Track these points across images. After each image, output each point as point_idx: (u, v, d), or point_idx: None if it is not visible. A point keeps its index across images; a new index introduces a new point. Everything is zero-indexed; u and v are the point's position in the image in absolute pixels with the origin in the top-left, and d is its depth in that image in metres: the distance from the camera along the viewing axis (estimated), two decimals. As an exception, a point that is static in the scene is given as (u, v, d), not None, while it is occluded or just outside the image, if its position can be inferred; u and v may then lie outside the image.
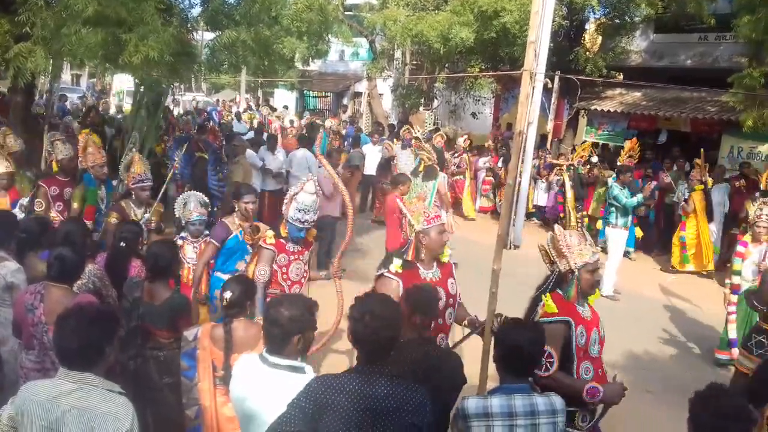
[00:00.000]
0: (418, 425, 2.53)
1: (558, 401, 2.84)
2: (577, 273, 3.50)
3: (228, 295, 3.58)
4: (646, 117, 15.16)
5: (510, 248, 9.79)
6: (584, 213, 12.80)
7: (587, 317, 3.54)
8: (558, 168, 13.46)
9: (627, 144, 11.06)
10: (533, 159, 13.89)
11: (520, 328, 3.02)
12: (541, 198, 13.99)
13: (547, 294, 3.54)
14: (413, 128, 13.04)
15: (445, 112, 22.62)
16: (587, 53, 15.59)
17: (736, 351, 6.73)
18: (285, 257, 4.78)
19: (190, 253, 5.52)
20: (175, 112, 20.53)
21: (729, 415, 2.37)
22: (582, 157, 13.41)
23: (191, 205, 5.59)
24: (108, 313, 2.84)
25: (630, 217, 9.80)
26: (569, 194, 12.63)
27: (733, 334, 6.87)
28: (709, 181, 10.93)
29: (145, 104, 9.23)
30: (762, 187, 8.42)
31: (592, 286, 3.59)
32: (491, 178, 14.63)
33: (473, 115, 20.41)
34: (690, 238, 10.77)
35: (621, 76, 17.08)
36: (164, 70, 8.88)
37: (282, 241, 4.79)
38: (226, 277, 4.68)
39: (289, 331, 2.78)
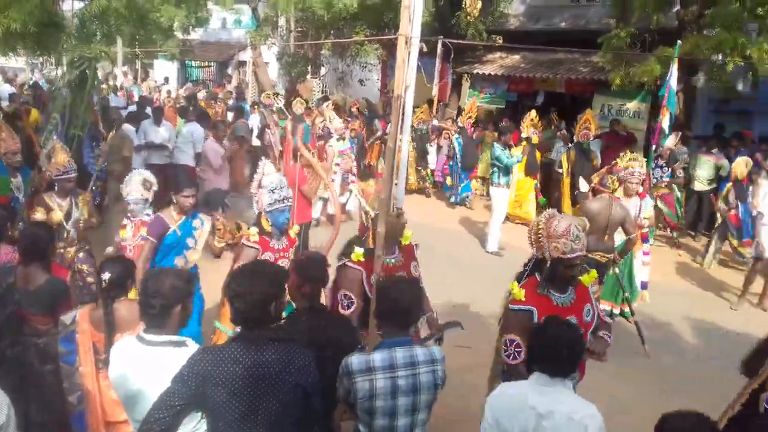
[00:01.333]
0: (302, 385, 2.59)
1: (437, 351, 2.98)
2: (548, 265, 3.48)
3: (106, 276, 3.48)
4: (525, 79, 15.73)
5: (393, 211, 10.01)
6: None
7: (562, 304, 3.49)
8: (446, 131, 13.82)
9: (528, 117, 11.36)
10: (421, 124, 14.21)
11: (397, 283, 3.14)
12: (431, 161, 14.33)
13: (514, 282, 3.56)
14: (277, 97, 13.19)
15: (333, 80, 22.51)
16: (468, 17, 15.91)
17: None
18: (270, 255, 4.52)
19: (129, 232, 5.26)
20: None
21: None
22: (470, 118, 13.84)
23: (130, 185, 5.29)
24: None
25: (511, 177, 10.29)
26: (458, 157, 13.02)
27: None
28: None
29: (67, 81, 8.27)
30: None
31: (566, 279, 3.52)
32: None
33: (361, 81, 20.44)
34: None
35: (501, 40, 17.58)
36: (29, 43, 8.36)
37: (266, 238, 4.55)
38: None
39: (172, 301, 2.78)
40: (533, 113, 11.27)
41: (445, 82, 16.48)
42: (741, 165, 9.06)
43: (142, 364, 2.75)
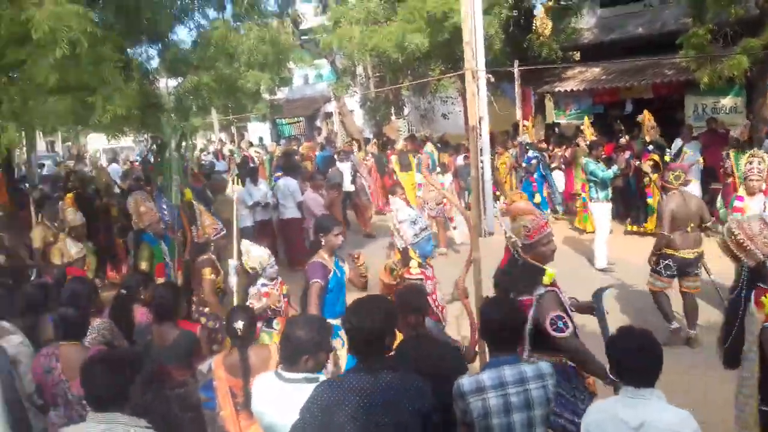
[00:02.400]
0: (421, 410, 2.71)
1: (545, 366, 3.05)
2: None
3: (240, 325, 3.79)
4: (609, 90, 15.49)
5: (485, 236, 10.08)
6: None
7: None
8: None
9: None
10: (510, 149, 14.20)
11: (497, 303, 3.25)
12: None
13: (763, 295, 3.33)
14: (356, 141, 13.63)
15: (417, 118, 22.92)
16: (540, 38, 15.93)
17: None
18: (431, 284, 4.71)
19: (275, 295, 5.28)
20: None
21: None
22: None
23: (258, 256, 5.27)
24: (128, 356, 3.08)
25: (609, 190, 10.09)
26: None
27: None
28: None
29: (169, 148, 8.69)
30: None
31: None
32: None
33: (444, 116, 20.73)
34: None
35: (578, 55, 17.44)
36: (134, 123, 9.10)
37: (424, 269, 4.72)
38: (337, 322, 4.30)
39: (300, 350, 3.00)
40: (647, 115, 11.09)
41: (527, 105, 16.47)
42: None
43: (280, 398, 2.98)
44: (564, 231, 12.45)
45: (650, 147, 11.08)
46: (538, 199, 13.59)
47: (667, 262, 6.71)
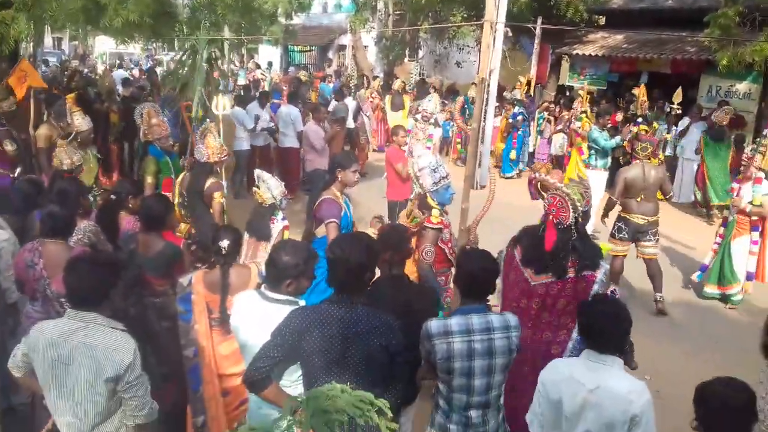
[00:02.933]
0: (388, 347, 2.82)
1: (512, 318, 3.14)
2: None
3: (225, 244, 3.85)
4: (627, 60, 15.24)
5: (476, 188, 10.13)
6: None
7: None
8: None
9: (638, 91, 11.28)
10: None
11: (476, 255, 3.32)
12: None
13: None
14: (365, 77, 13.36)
15: (431, 63, 22.63)
16: (568, -3, 15.59)
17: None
18: (447, 232, 4.70)
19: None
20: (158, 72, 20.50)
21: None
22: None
23: (276, 188, 4.98)
24: (112, 260, 3.16)
25: (609, 159, 10.09)
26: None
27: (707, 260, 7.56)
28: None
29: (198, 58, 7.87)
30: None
31: None
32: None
33: (458, 64, 20.45)
34: None
35: (603, 20, 17.09)
36: (145, 32, 8.99)
37: (442, 217, 4.66)
38: None
39: (284, 274, 3.11)
40: (642, 90, 11.07)
41: (543, 64, 16.26)
42: None
43: (261, 316, 3.09)
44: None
45: (639, 120, 11.03)
46: (513, 155, 13.68)
47: (620, 224, 7.28)
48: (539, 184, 4.23)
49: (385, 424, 1.79)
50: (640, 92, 11.26)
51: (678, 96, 10.65)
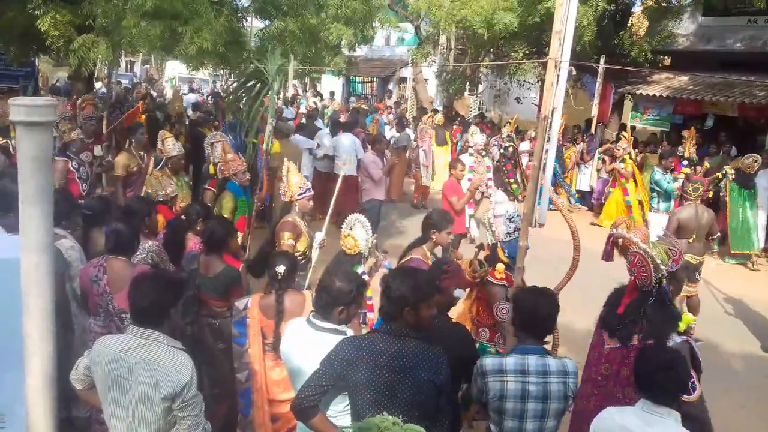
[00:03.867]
0: (435, 382, 2.80)
1: (570, 364, 3.08)
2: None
3: (281, 269, 3.91)
4: (692, 102, 14.95)
5: (535, 226, 9.99)
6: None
7: None
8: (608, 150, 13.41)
9: (687, 134, 11.14)
10: (578, 144, 14.00)
11: (535, 292, 3.28)
12: (584, 182, 14.12)
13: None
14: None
15: (490, 97, 22.66)
16: (633, 37, 15.44)
17: None
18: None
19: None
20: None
21: None
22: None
23: (362, 232, 4.59)
24: (176, 279, 3.25)
25: (672, 203, 9.86)
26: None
27: None
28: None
29: (245, 89, 8.00)
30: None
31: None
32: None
33: (518, 99, 20.42)
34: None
35: (668, 60, 16.85)
36: (215, 59, 9.31)
37: (510, 274, 4.28)
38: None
39: (336, 301, 3.14)
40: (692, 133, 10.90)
41: (605, 102, 16.07)
42: None
43: (309, 344, 3.12)
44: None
45: (684, 162, 10.76)
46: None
47: None
48: (620, 241, 4.02)
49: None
50: (689, 135, 11.06)
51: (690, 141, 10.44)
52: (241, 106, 8.45)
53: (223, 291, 4.34)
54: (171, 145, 6.75)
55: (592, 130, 15.23)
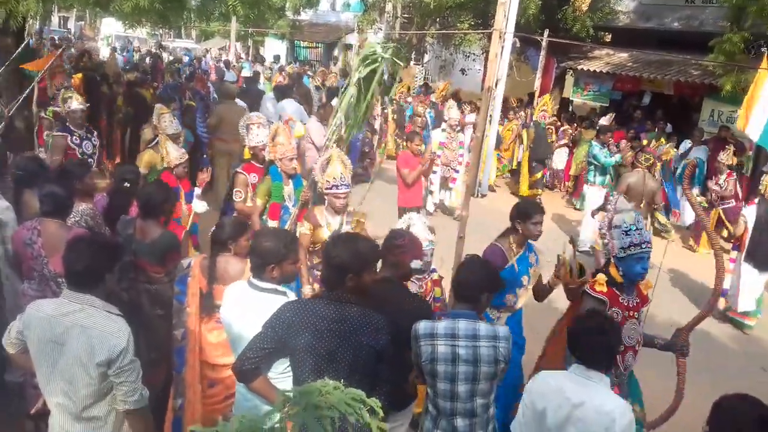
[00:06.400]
0: (374, 347, 2.84)
1: (502, 330, 3.15)
2: None
3: (225, 235, 3.89)
4: (631, 78, 15.34)
5: (477, 196, 10.15)
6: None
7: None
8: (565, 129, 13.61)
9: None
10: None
11: (472, 263, 3.35)
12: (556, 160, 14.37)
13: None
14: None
15: (436, 68, 22.70)
16: (576, 12, 15.68)
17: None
18: (618, 312, 3.68)
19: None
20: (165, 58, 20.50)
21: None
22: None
23: (419, 229, 4.27)
24: (113, 243, 3.18)
25: (608, 177, 10.14)
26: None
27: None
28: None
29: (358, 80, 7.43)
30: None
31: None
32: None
33: (462, 71, 20.52)
34: None
35: (609, 37, 17.19)
36: (153, 17, 9.01)
37: (615, 290, 3.73)
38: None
39: (265, 260, 3.16)
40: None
41: (548, 77, 16.32)
42: None
43: (250, 306, 3.13)
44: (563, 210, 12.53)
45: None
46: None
47: None
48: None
49: (377, 424, 1.81)
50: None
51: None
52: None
53: (160, 257, 4.26)
54: (168, 121, 6.39)
55: (534, 104, 15.46)
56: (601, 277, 3.69)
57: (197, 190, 5.83)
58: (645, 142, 10.64)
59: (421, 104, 13.81)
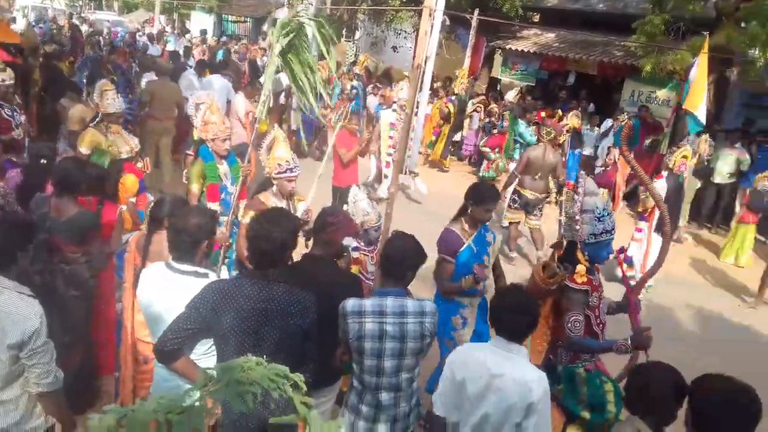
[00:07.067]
0: (301, 326, 2.84)
1: (428, 305, 3.18)
2: None
3: (163, 213, 3.77)
4: (557, 58, 15.67)
5: (406, 173, 10.20)
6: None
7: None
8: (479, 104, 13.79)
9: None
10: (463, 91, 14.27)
11: (397, 237, 3.37)
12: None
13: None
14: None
15: (367, 45, 22.57)
16: (505, -8, 15.86)
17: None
18: (596, 296, 3.76)
19: (371, 266, 4.58)
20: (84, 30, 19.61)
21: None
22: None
23: (366, 205, 4.43)
24: (25, 221, 3.02)
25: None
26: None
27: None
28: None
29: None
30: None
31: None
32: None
33: (394, 48, 20.50)
34: None
35: (537, 17, 17.49)
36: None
37: (590, 276, 3.73)
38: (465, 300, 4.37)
39: (198, 237, 3.08)
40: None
41: (477, 56, 16.48)
42: None
43: (170, 289, 3.04)
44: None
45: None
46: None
47: (514, 196, 8.33)
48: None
49: (299, 398, 1.79)
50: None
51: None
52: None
53: (77, 236, 4.08)
54: (111, 99, 6.03)
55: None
56: (581, 268, 3.67)
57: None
58: (544, 114, 10.90)
59: (348, 80, 13.73)
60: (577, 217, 3.70)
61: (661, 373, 2.82)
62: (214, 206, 5.07)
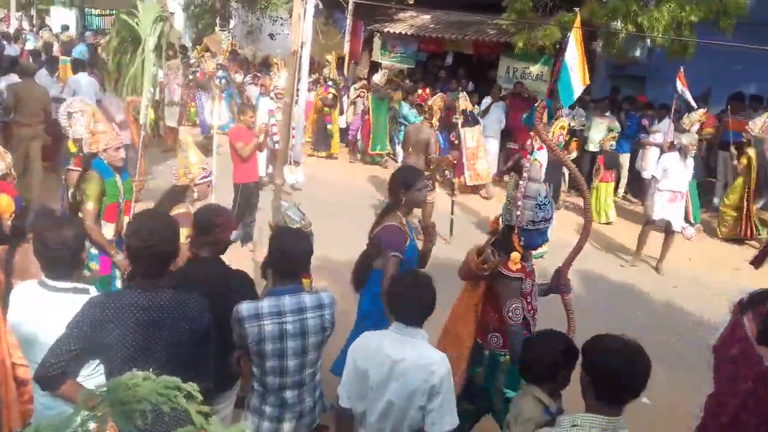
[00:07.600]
0: (195, 331, 2.71)
1: (326, 297, 3.15)
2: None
3: (17, 222, 3.52)
4: (434, 40, 15.90)
5: (290, 163, 10.07)
6: None
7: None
8: (361, 89, 13.79)
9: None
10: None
11: (287, 233, 3.29)
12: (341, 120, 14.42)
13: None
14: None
15: (243, 33, 22.02)
16: (380, -26, 15.88)
17: None
18: (530, 282, 3.67)
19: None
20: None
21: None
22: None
23: (291, 214, 4.32)
24: None
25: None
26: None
27: None
28: None
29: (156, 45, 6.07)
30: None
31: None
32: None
33: (271, 36, 20.12)
34: None
35: (413, -1, 17.66)
36: None
37: (523, 263, 3.61)
38: None
39: (77, 251, 2.91)
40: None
41: (356, 40, 16.47)
42: None
43: (44, 309, 2.83)
44: (373, 171, 12.78)
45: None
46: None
47: None
48: None
49: (195, 408, 1.69)
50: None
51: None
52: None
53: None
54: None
55: (345, 68, 15.56)
56: (516, 255, 3.54)
57: None
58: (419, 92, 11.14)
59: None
60: (519, 203, 3.58)
61: (551, 340, 2.97)
62: (110, 227, 4.75)
